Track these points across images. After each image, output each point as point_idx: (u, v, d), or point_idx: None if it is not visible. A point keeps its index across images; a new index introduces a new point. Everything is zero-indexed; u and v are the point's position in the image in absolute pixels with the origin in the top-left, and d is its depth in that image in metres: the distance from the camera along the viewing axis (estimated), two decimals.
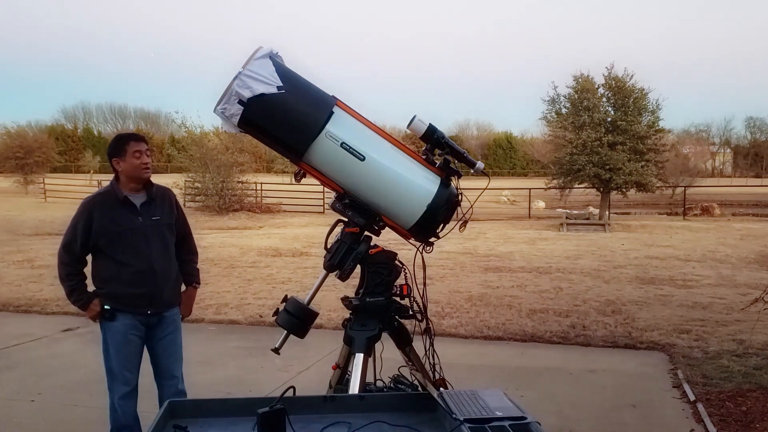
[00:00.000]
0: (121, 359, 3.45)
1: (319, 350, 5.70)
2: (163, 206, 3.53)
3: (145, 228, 3.42)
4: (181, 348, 3.66)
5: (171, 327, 3.58)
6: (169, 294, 3.54)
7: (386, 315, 2.75)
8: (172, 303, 3.57)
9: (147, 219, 3.43)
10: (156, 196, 3.51)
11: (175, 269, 3.60)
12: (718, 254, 12.86)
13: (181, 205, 3.72)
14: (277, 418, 1.73)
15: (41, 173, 36.87)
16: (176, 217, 3.60)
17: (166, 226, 3.52)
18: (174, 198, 3.68)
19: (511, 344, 6.36)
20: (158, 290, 3.45)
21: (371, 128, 2.63)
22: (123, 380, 3.46)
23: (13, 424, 4.33)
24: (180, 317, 3.67)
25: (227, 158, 23.47)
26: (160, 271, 3.44)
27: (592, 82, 21.41)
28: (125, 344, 3.44)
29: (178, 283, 3.63)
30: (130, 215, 3.41)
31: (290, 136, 2.53)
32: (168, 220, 3.53)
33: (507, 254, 12.91)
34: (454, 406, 1.85)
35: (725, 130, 71.80)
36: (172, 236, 3.56)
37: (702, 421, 4.28)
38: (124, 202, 3.41)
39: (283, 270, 10.79)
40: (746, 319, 6.72)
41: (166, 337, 3.56)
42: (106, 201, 3.43)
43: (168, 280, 3.51)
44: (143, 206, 3.45)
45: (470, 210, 2.73)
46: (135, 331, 3.46)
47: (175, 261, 3.60)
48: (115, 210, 3.40)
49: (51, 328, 6.92)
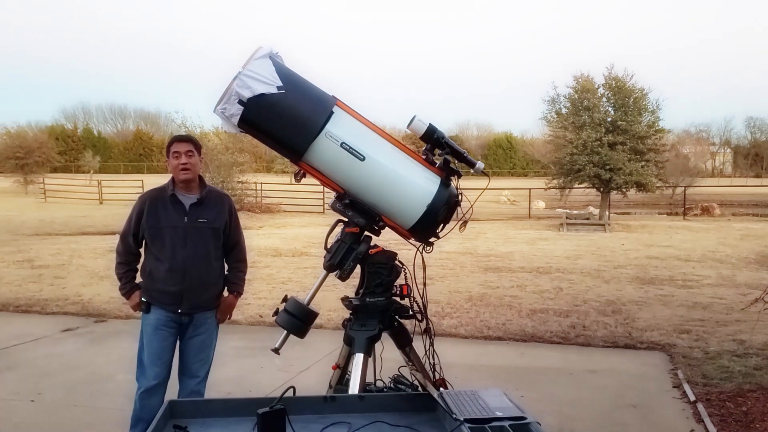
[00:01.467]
0: (151, 351, 3.50)
1: (319, 350, 5.70)
2: (214, 210, 3.53)
3: (187, 228, 3.44)
4: (210, 351, 3.66)
5: (202, 329, 3.58)
6: (204, 297, 3.54)
7: (386, 315, 2.75)
8: (206, 306, 3.56)
9: (193, 220, 3.46)
10: (208, 199, 3.53)
11: (216, 273, 3.59)
12: (718, 254, 12.85)
13: (236, 213, 3.73)
14: (277, 418, 1.73)
15: (41, 173, 36.87)
16: (227, 223, 3.59)
17: (212, 230, 3.51)
18: (230, 205, 3.67)
19: (511, 344, 6.36)
20: (190, 291, 3.46)
21: (371, 128, 2.63)
22: (151, 374, 3.49)
23: (13, 424, 4.33)
24: (216, 321, 3.67)
25: (227, 158, 23.47)
26: (193, 272, 3.45)
27: (592, 82, 21.41)
28: (156, 339, 3.49)
29: (217, 287, 3.62)
30: (176, 214, 3.45)
31: (290, 136, 2.53)
32: (216, 224, 3.53)
33: (507, 254, 12.90)
34: (454, 406, 1.85)
35: (725, 130, 71.90)
36: (217, 240, 3.55)
37: (702, 421, 4.27)
38: (174, 200, 3.46)
39: (283, 270, 10.79)
40: (746, 319, 6.72)
41: (196, 338, 3.58)
42: (159, 197, 3.51)
43: (202, 282, 3.51)
44: (192, 207, 3.48)
45: (470, 210, 2.73)
46: (167, 326, 3.51)
47: (216, 265, 3.59)
48: (164, 207, 3.47)
49: (51, 328, 6.92)
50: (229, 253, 3.67)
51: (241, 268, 3.73)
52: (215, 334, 3.69)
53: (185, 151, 3.44)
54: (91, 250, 13.05)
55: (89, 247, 13.73)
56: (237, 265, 3.72)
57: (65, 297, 8.38)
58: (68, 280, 9.71)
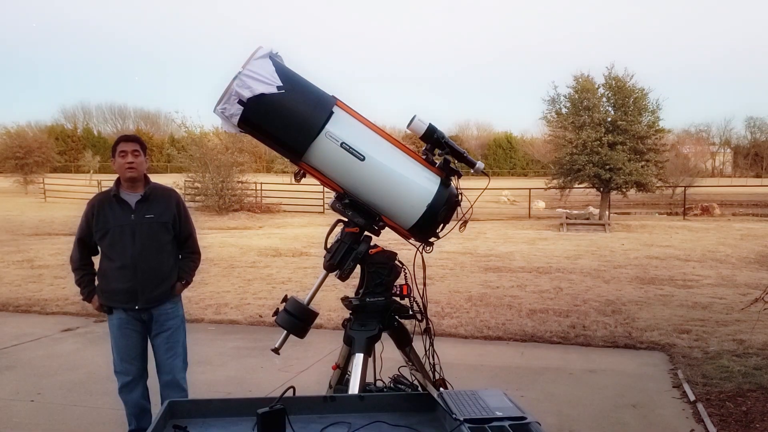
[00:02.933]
0: (120, 351, 3.63)
1: (319, 350, 5.70)
2: (161, 205, 3.61)
3: (135, 225, 3.51)
4: (179, 346, 3.71)
5: (166, 325, 3.64)
6: (158, 290, 3.59)
7: (386, 315, 2.75)
8: (162, 299, 3.62)
9: (140, 216, 3.53)
10: (153, 195, 3.60)
11: (168, 266, 3.64)
12: (718, 254, 12.85)
13: (185, 207, 3.79)
14: (277, 418, 1.73)
15: (41, 173, 36.85)
16: (176, 217, 3.65)
17: (161, 225, 3.58)
18: (177, 199, 3.74)
19: (511, 344, 6.36)
20: (143, 286, 3.53)
21: (371, 128, 2.62)
22: (122, 371, 3.64)
23: (13, 424, 4.33)
24: (181, 314, 3.74)
25: (227, 158, 23.47)
26: (144, 267, 3.51)
27: (592, 82, 21.40)
28: (122, 337, 3.60)
29: (170, 280, 3.66)
30: (122, 212, 3.53)
31: (290, 136, 2.52)
32: (164, 218, 3.59)
33: (507, 254, 12.90)
34: (454, 406, 1.85)
35: (725, 130, 71.96)
36: (166, 234, 3.62)
37: (702, 421, 4.27)
38: (118, 200, 3.54)
39: (283, 270, 10.79)
40: (746, 319, 6.72)
41: (162, 335, 3.65)
42: (104, 198, 3.60)
43: (156, 277, 3.57)
44: (138, 204, 3.55)
45: (470, 210, 2.73)
46: (130, 325, 3.60)
47: (168, 259, 3.65)
48: (110, 207, 3.55)
49: (51, 328, 6.92)
50: (182, 246, 3.75)
51: (192, 258, 3.80)
52: (182, 327, 3.74)
53: (131, 150, 3.52)
54: None
55: None
56: (189, 255, 3.79)
57: (65, 297, 8.37)
58: (68, 280, 9.66)
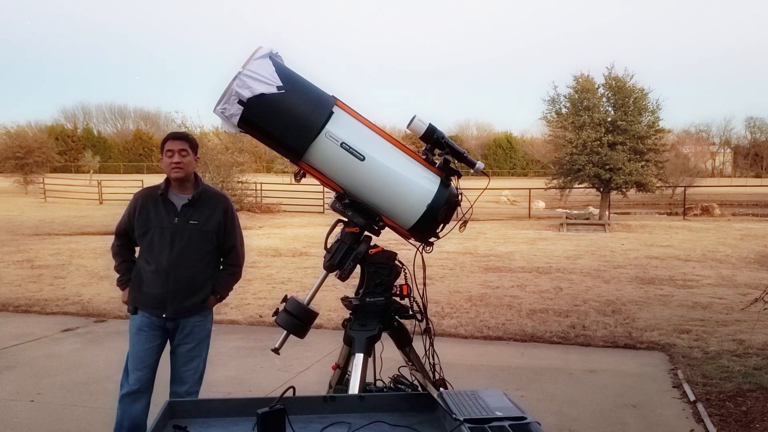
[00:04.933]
0: (133, 354, 3.39)
1: (319, 350, 5.70)
2: (207, 211, 3.39)
3: (176, 230, 3.32)
4: (200, 362, 3.49)
5: (190, 338, 3.43)
6: (189, 302, 3.38)
7: (386, 315, 2.75)
8: (191, 311, 3.40)
9: (183, 221, 3.33)
10: (201, 200, 3.39)
11: (203, 278, 3.42)
12: (718, 254, 12.85)
13: (234, 215, 3.55)
14: (277, 418, 1.73)
15: (41, 173, 36.85)
16: (221, 225, 3.42)
17: (203, 233, 3.37)
18: (226, 206, 3.50)
19: (511, 344, 6.36)
20: (173, 295, 3.33)
21: (371, 128, 2.62)
22: (133, 378, 3.37)
23: (13, 424, 4.33)
24: (209, 328, 3.53)
25: (227, 158, 23.47)
26: (177, 275, 3.32)
27: (593, 82, 21.43)
28: (138, 339, 3.38)
29: (204, 292, 3.45)
30: (166, 214, 3.34)
31: (290, 136, 2.52)
32: (208, 226, 3.38)
33: (507, 254, 12.90)
34: (454, 406, 1.85)
35: (725, 130, 71.97)
36: (208, 244, 3.40)
37: (702, 421, 4.27)
38: (165, 200, 3.36)
39: (283, 270, 10.79)
40: (746, 319, 6.72)
41: (183, 347, 3.43)
42: (150, 195, 3.41)
43: (187, 287, 3.36)
44: (184, 207, 3.35)
45: (470, 210, 2.73)
46: (150, 329, 3.38)
47: (205, 270, 3.43)
48: (155, 206, 3.36)
49: (51, 328, 6.92)
50: (224, 256, 3.53)
51: (231, 271, 3.56)
52: (206, 342, 3.52)
53: (179, 149, 3.32)
54: (91, 250, 13.05)
55: (89, 247, 13.72)
56: (228, 268, 3.56)
57: (65, 297, 8.38)
58: (68, 280, 9.71)
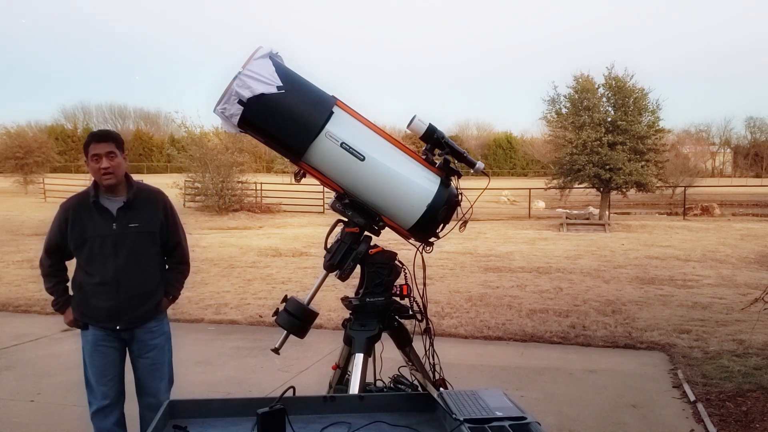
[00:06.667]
0: (96, 371, 3.21)
1: (319, 350, 5.71)
2: (146, 211, 3.19)
3: (117, 236, 3.10)
4: (164, 368, 3.34)
5: (150, 345, 3.26)
6: (143, 309, 3.20)
7: (386, 315, 2.75)
8: (146, 318, 3.23)
9: (122, 226, 3.11)
10: (138, 200, 3.17)
11: (154, 282, 3.25)
12: (718, 254, 12.86)
13: (174, 211, 3.35)
14: (277, 418, 1.73)
15: (41, 173, 36.84)
16: (163, 224, 3.24)
17: (146, 235, 3.17)
18: (164, 202, 3.30)
19: (511, 344, 6.36)
20: (126, 306, 3.14)
21: (371, 128, 2.62)
22: (99, 393, 3.21)
23: (13, 424, 4.33)
24: (167, 331, 3.36)
25: (227, 158, 23.47)
26: (128, 283, 3.13)
27: (593, 82, 21.43)
28: (97, 355, 3.20)
29: (157, 297, 3.27)
30: (102, 221, 3.10)
31: (290, 136, 2.52)
32: (150, 227, 3.18)
33: (507, 254, 12.90)
34: (454, 406, 1.85)
35: (725, 130, 71.94)
36: (153, 245, 3.21)
37: (702, 421, 4.28)
38: (97, 206, 3.12)
39: (283, 270, 10.79)
40: (746, 319, 6.72)
41: (147, 354, 3.27)
42: (81, 204, 3.15)
43: (139, 294, 3.18)
44: (120, 211, 3.12)
45: (470, 210, 2.73)
46: (106, 342, 3.20)
47: (156, 273, 3.26)
48: (88, 214, 3.12)
49: (50, 328, 6.92)
50: (169, 255, 3.34)
51: (180, 269, 3.39)
52: (168, 346, 3.36)
53: (105, 152, 3.05)
54: None
55: None
56: (176, 266, 3.38)
57: None
58: None
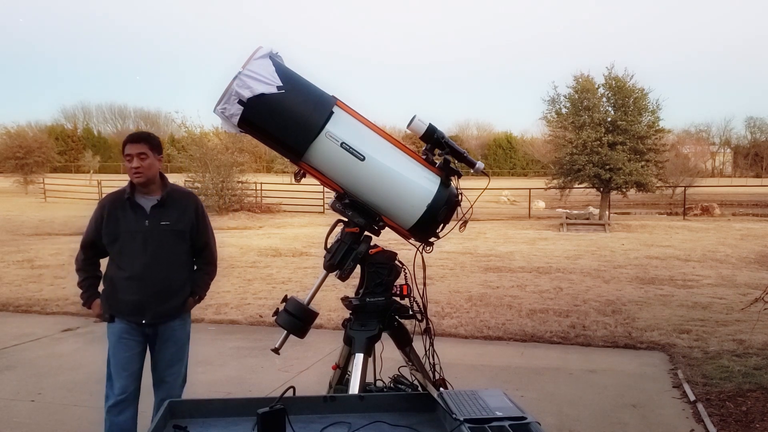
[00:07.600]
0: (116, 363, 3.33)
1: (319, 350, 5.71)
2: (177, 211, 3.34)
3: (147, 233, 3.26)
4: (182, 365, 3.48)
5: (170, 342, 3.40)
6: (167, 306, 3.33)
7: (386, 315, 2.75)
8: (170, 315, 3.37)
9: (154, 223, 3.27)
10: (170, 200, 3.33)
11: (180, 280, 3.39)
12: (718, 254, 12.85)
13: (205, 213, 3.51)
14: (277, 418, 1.73)
15: (41, 173, 36.86)
16: (193, 225, 3.39)
17: (176, 233, 3.32)
18: (196, 204, 3.46)
19: (511, 344, 6.36)
20: (151, 301, 3.27)
21: (371, 128, 2.62)
22: (118, 388, 3.32)
23: (13, 424, 4.33)
24: (188, 331, 3.50)
25: (227, 158, 23.46)
26: (154, 279, 3.26)
27: (593, 82, 21.42)
28: (120, 347, 3.32)
29: (182, 295, 3.41)
30: (135, 218, 3.27)
31: (290, 136, 2.52)
32: (180, 226, 3.33)
33: (507, 254, 12.90)
34: (454, 406, 1.85)
35: (725, 130, 72.08)
36: (182, 244, 3.36)
37: (702, 421, 4.28)
38: (132, 203, 3.29)
39: (283, 270, 10.79)
40: (746, 319, 6.72)
41: (165, 352, 3.40)
42: (116, 200, 3.33)
43: (165, 290, 3.31)
44: (153, 209, 3.29)
45: (470, 210, 2.73)
46: (130, 335, 3.33)
47: (181, 271, 3.40)
48: (123, 211, 3.29)
49: (51, 328, 6.92)
50: (197, 256, 3.49)
51: (207, 270, 3.54)
52: (187, 345, 3.50)
53: (137, 153, 3.22)
54: None
55: None
56: (204, 267, 3.53)
57: (65, 297, 8.37)
58: (68, 280, 9.68)
